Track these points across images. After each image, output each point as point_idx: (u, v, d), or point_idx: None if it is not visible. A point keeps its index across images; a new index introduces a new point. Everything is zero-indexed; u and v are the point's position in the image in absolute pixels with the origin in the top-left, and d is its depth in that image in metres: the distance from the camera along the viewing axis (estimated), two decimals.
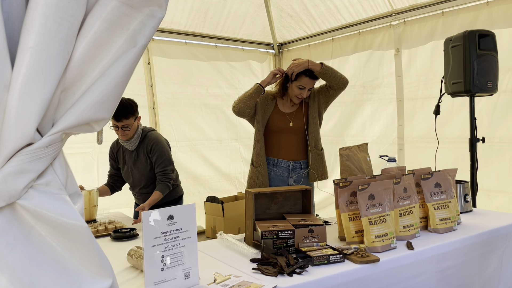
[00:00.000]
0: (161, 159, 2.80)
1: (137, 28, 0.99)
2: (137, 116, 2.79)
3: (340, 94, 2.83)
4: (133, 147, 2.83)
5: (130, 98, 2.78)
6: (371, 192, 1.88)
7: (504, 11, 3.49)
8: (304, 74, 2.70)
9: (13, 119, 0.85)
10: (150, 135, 2.86)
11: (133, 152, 2.86)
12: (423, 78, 4.12)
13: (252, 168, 2.86)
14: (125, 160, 2.92)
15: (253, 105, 2.79)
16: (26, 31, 0.84)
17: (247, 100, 2.75)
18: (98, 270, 0.97)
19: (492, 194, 3.60)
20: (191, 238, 1.45)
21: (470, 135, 3.00)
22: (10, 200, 0.89)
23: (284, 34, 5.65)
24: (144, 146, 2.83)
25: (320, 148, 2.89)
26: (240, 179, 5.58)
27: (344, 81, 2.75)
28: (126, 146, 2.85)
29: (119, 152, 2.97)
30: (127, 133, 2.75)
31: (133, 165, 2.87)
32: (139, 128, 2.84)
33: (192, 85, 5.10)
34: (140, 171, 2.87)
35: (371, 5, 4.47)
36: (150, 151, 2.81)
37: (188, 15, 4.86)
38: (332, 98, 2.85)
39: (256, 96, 2.76)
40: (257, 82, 2.79)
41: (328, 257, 1.65)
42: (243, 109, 2.77)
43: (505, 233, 2.19)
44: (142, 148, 2.83)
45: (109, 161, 3.05)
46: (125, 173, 2.96)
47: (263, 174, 2.81)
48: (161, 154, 2.81)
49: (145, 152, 2.83)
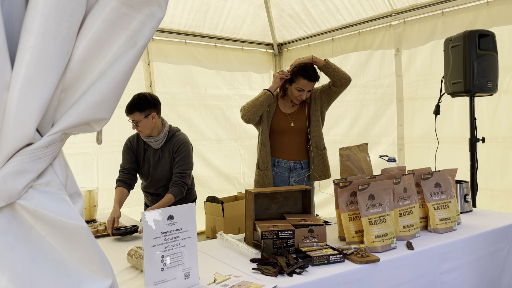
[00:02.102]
0: (184, 161, 2.69)
1: (137, 28, 0.99)
2: (149, 114, 2.60)
3: (342, 92, 2.83)
4: (158, 145, 2.72)
5: (148, 94, 2.67)
6: (371, 192, 1.88)
7: (504, 11, 3.49)
8: (302, 76, 2.70)
9: (13, 119, 0.85)
10: (179, 135, 2.76)
11: (157, 150, 2.74)
12: (423, 78, 4.12)
13: (259, 171, 2.84)
14: (146, 157, 2.79)
15: (262, 112, 2.78)
16: (26, 31, 0.84)
17: (258, 108, 2.74)
18: (98, 270, 0.97)
19: (495, 193, 3.60)
20: (191, 238, 1.45)
21: (470, 135, 3.00)
22: (10, 200, 0.89)
23: (284, 34, 5.65)
24: (171, 146, 2.72)
25: (322, 148, 2.89)
26: (240, 179, 5.58)
27: (347, 78, 2.78)
28: (150, 143, 2.72)
29: (139, 148, 2.81)
30: (140, 130, 2.63)
31: (156, 164, 2.76)
32: (165, 127, 2.72)
33: (191, 85, 5.10)
34: (162, 171, 2.75)
35: (371, 5, 4.47)
36: (176, 151, 2.70)
37: (188, 15, 4.86)
38: (334, 96, 2.85)
39: (266, 104, 2.75)
40: (265, 89, 2.77)
41: (328, 257, 1.65)
42: (254, 117, 2.76)
43: (505, 233, 2.19)
44: (168, 148, 2.72)
45: (123, 156, 2.83)
46: (144, 171, 2.82)
47: (270, 177, 2.81)
48: (185, 156, 2.69)
49: (171, 152, 2.72)
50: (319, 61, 2.73)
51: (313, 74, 2.71)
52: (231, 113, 5.42)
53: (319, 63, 2.74)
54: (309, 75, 2.69)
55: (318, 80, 2.77)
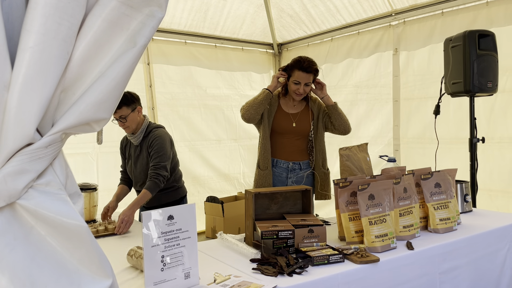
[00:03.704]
0: (157, 154, 2.71)
1: (137, 28, 0.99)
2: (135, 107, 2.72)
3: (336, 135, 2.90)
4: (137, 141, 2.80)
5: (129, 91, 2.76)
6: (371, 192, 1.88)
7: (504, 11, 3.49)
8: (297, 69, 2.68)
9: (13, 119, 0.85)
10: (155, 131, 2.82)
11: (137, 147, 2.83)
12: (420, 78, 4.11)
13: (260, 171, 2.83)
14: (130, 154, 2.89)
15: (262, 111, 2.78)
16: (26, 31, 0.84)
17: (257, 107, 2.73)
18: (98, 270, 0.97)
19: (493, 194, 3.60)
20: (191, 238, 1.45)
21: (470, 135, 3.00)
22: (10, 200, 0.89)
23: (283, 34, 5.65)
24: (147, 141, 2.78)
25: (326, 168, 2.91)
26: (239, 179, 5.58)
27: (347, 129, 2.82)
28: (132, 140, 2.83)
29: (127, 147, 2.94)
30: (127, 125, 2.71)
31: (136, 160, 2.85)
32: (145, 123, 2.80)
33: (191, 85, 5.10)
34: (141, 166, 2.82)
35: (371, 5, 4.47)
36: (150, 145, 2.76)
37: (188, 15, 4.86)
38: (329, 131, 2.91)
39: (266, 103, 2.75)
40: (264, 88, 2.77)
41: (328, 257, 1.65)
42: (254, 116, 2.75)
43: (505, 233, 2.19)
44: (145, 143, 2.80)
45: (121, 157, 3.02)
46: (129, 168, 2.92)
47: (270, 177, 2.81)
48: (159, 149, 2.72)
49: (147, 147, 2.79)
50: (329, 101, 2.79)
51: (308, 65, 2.67)
52: (231, 113, 5.42)
53: (329, 102, 2.78)
54: (303, 66, 2.66)
55: (316, 73, 2.73)
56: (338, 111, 2.79)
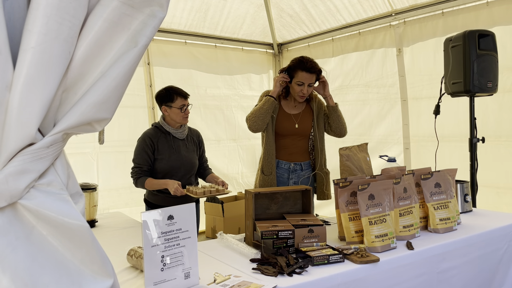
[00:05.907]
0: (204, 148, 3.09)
1: (138, 28, 0.99)
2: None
3: (331, 136, 2.91)
4: (183, 135, 2.87)
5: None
6: (371, 192, 1.88)
7: (504, 11, 3.49)
8: (300, 69, 2.65)
9: (15, 119, 0.85)
10: (190, 127, 3.01)
11: (183, 140, 2.88)
12: (426, 78, 4.12)
13: (263, 176, 2.79)
14: (175, 148, 2.80)
15: (269, 119, 2.75)
16: (27, 32, 0.84)
17: (264, 117, 2.71)
18: (99, 270, 0.97)
19: (501, 191, 3.61)
20: (191, 238, 1.45)
21: (470, 135, 3.01)
22: (12, 200, 0.89)
23: (284, 34, 5.65)
24: (191, 134, 2.96)
25: (326, 168, 2.91)
26: (238, 180, 5.57)
27: (343, 131, 2.84)
28: (176, 134, 2.82)
29: (160, 141, 2.77)
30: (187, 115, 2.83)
31: (186, 152, 2.87)
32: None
33: (191, 85, 5.09)
34: (193, 158, 2.92)
35: (371, 5, 4.47)
36: (199, 140, 3.01)
37: (188, 15, 4.86)
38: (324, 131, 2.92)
39: (271, 110, 2.72)
40: (268, 95, 2.73)
41: (328, 257, 1.65)
42: (261, 126, 2.73)
43: (505, 233, 2.20)
44: (190, 136, 2.94)
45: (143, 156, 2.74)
46: (171, 162, 2.77)
47: (274, 183, 2.77)
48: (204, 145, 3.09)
49: (195, 140, 2.96)
50: (331, 101, 2.80)
51: (311, 66, 2.65)
52: (231, 113, 5.42)
53: (330, 102, 2.79)
54: (307, 67, 2.64)
55: (319, 73, 2.70)
56: (337, 113, 2.79)
